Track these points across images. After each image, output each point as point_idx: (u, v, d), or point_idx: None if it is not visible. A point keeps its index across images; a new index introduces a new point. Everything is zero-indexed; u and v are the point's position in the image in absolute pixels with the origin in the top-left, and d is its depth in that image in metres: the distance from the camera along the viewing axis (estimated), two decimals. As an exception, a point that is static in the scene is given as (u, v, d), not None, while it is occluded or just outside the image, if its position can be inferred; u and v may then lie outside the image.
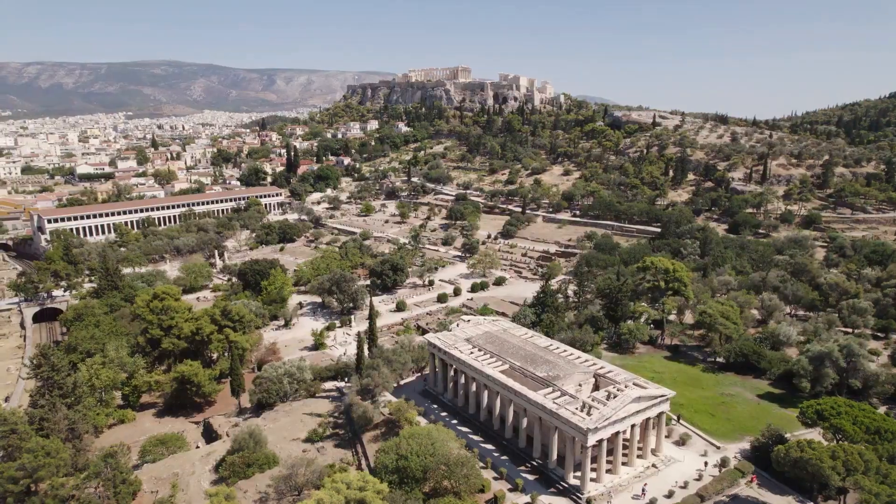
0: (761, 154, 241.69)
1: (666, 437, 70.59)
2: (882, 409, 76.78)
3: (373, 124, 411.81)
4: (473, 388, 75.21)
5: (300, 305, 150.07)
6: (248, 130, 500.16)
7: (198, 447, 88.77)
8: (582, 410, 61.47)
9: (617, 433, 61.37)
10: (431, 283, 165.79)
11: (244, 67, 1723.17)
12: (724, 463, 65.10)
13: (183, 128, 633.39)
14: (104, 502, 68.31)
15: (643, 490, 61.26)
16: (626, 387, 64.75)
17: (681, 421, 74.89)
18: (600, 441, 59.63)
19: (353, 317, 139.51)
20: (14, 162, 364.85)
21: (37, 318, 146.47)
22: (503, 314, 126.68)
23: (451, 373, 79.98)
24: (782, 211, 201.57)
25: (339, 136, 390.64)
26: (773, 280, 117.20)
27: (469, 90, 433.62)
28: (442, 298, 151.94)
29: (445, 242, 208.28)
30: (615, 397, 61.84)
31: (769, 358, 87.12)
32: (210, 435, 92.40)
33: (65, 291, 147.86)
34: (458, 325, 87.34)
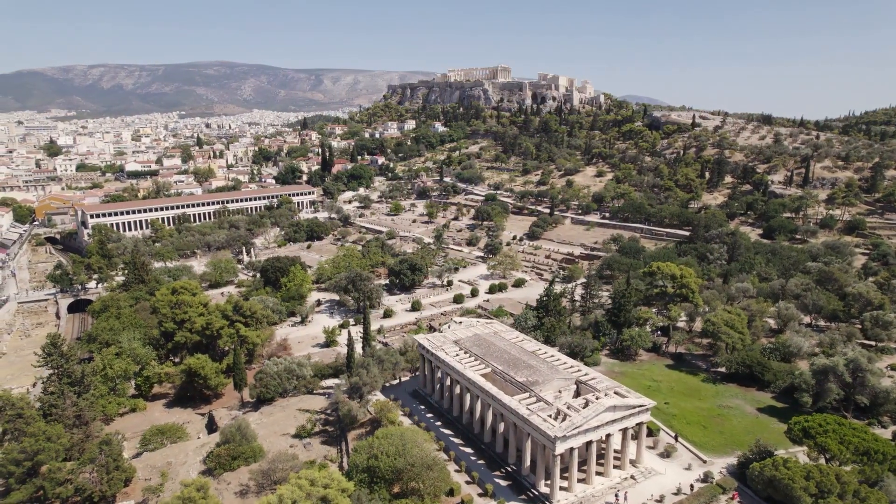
0: (805, 156, 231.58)
1: (650, 448, 68.64)
2: (892, 429, 72.61)
3: (410, 124, 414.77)
4: (457, 390, 74.91)
5: (318, 302, 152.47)
6: (290, 130, 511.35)
7: (199, 438, 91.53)
8: (556, 417, 60.35)
9: (590, 442, 59.91)
10: (450, 283, 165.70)
11: (292, 68, 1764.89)
12: (706, 478, 62.74)
13: (229, 127, 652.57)
14: (96, 487, 71.34)
15: (616, 496, 59.71)
16: (605, 395, 63.19)
17: (678, 440, 71.63)
18: (571, 449, 58.40)
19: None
20: (70, 160, 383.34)
21: (72, 309, 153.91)
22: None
23: (438, 374, 79.84)
24: (823, 216, 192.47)
25: (377, 135, 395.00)
26: (793, 288, 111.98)
27: (507, 90, 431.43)
28: (458, 299, 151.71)
29: (470, 243, 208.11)
30: (591, 405, 60.41)
31: (774, 370, 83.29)
32: (212, 427, 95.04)
33: (97, 284, 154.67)
34: (448, 327, 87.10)
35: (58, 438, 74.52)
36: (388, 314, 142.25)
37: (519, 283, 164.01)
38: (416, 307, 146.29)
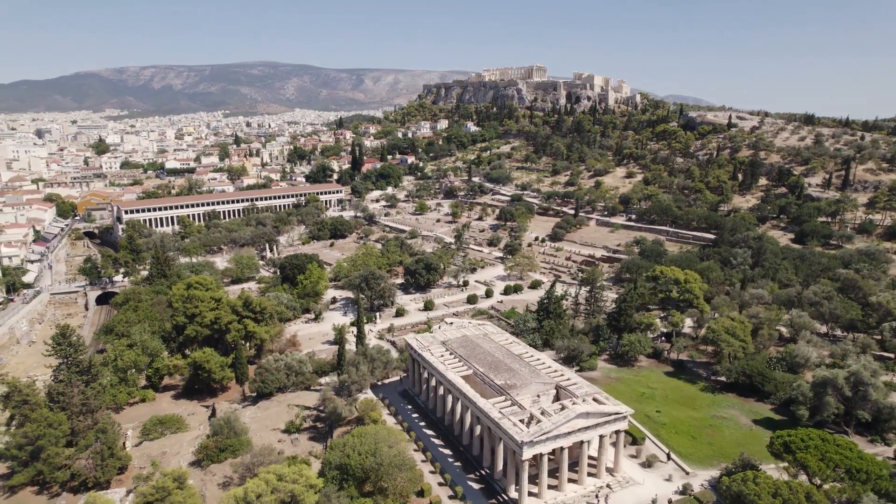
0: (846, 157, 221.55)
1: (633, 457, 66.92)
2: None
3: (443, 123, 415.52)
4: (441, 391, 74.69)
5: (334, 300, 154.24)
6: (326, 129, 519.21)
7: (201, 428, 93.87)
8: (530, 423, 59.50)
9: (560, 448, 58.83)
10: (466, 283, 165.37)
11: (334, 67, 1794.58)
12: (685, 490, 60.76)
13: (269, 126, 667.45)
14: (91, 473, 74.14)
15: (597, 496, 58.57)
16: (583, 401, 61.95)
17: (671, 458, 68.74)
18: (539, 455, 57.45)
19: (378, 314, 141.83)
20: (116, 157, 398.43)
21: (100, 301, 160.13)
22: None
23: (425, 375, 79.74)
24: (862, 220, 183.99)
25: (410, 135, 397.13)
26: (811, 295, 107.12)
27: (541, 89, 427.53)
28: (472, 300, 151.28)
29: (491, 243, 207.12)
30: (561, 412, 59.32)
31: (776, 380, 79.91)
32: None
33: (123, 277, 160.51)
34: (439, 328, 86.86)
35: (59, 425, 77.64)
36: (399, 313, 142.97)
37: (535, 285, 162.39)
38: (428, 307, 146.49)
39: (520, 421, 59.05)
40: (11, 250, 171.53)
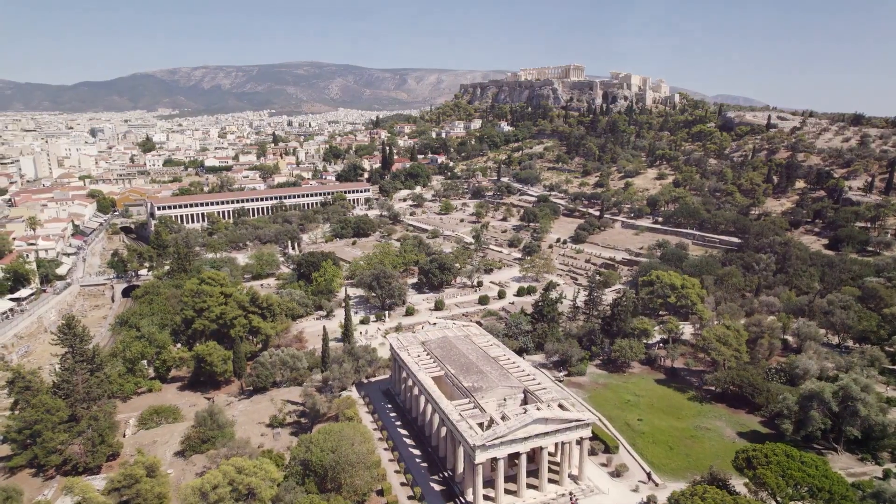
0: (892, 159, 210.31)
1: (604, 465, 65.35)
2: (886, 467, 65.06)
3: (477, 123, 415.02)
4: (416, 391, 74.68)
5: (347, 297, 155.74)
6: (364, 128, 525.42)
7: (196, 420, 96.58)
8: (490, 426, 58.88)
9: (517, 454, 57.95)
10: (480, 284, 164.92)
11: (378, 67, 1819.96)
12: (649, 501, 58.96)
13: (310, 125, 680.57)
14: (81, 459, 77.36)
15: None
16: (548, 406, 60.90)
17: (652, 478, 66.20)
18: (494, 460, 56.79)
19: (387, 313, 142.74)
20: (160, 155, 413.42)
21: (126, 293, 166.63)
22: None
23: (404, 374, 79.86)
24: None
25: (444, 134, 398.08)
26: (823, 304, 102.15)
27: (577, 89, 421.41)
28: (483, 300, 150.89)
29: (511, 244, 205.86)
30: (517, 417, 58.42)
31: (767, 392, 76.49)
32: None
33: (148, 271, 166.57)
34: (423, 328, 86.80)
35: (57, 411, 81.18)
36: (410, 312, 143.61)
37: (550, 287, 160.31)
38: (439, 306, 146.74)
39: (479, 424, 58.57)
40: (48, 243, 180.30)
